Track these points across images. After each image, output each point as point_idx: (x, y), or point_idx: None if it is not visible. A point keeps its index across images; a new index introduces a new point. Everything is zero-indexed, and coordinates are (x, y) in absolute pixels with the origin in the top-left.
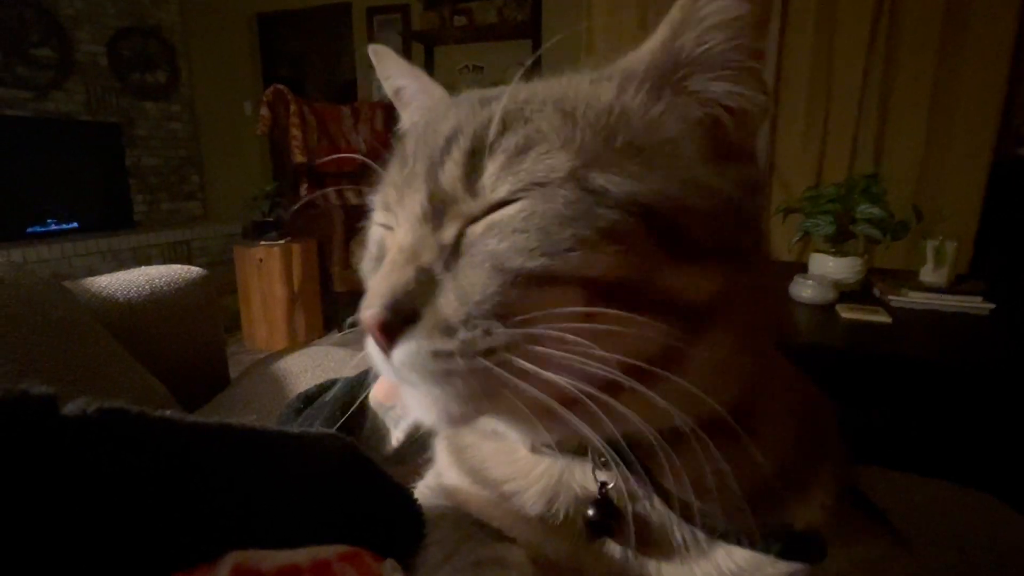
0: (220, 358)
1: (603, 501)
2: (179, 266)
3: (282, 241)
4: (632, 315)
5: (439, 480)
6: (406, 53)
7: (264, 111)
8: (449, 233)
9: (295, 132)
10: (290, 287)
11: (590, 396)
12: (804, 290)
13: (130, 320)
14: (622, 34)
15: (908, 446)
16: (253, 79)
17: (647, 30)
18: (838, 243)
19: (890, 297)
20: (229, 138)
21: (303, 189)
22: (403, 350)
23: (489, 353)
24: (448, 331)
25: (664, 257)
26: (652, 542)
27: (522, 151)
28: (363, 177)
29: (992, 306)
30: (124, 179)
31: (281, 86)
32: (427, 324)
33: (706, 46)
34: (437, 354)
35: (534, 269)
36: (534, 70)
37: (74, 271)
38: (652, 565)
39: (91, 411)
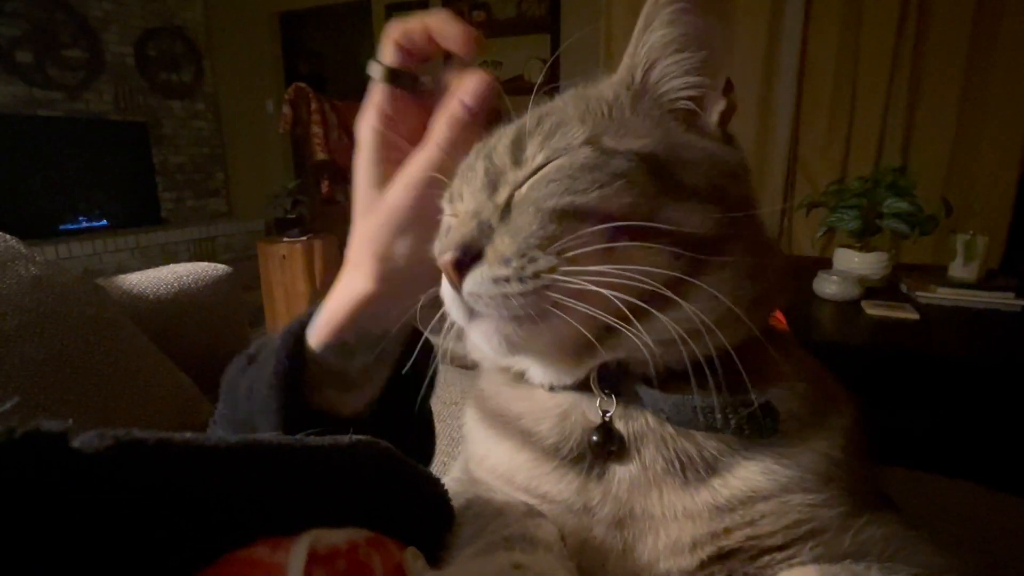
0: None
1: (605, 426)
2: (205, 264)
3: (304, 238)
4: (644, 242)
5: (468, 464)
6: None
7: (286, 109)
8: (502, 196)
9: (316, 130)
10: (312, 283)
11: (615, 311)
12: (828, 286)
13: (159, 316)
14: None
15: (936, 446)
16: (275, 77)
17: None
18: (864, 238)
19: (918, 293)
20: (252, 136)
21: (324, 186)
22: (470, 280)
23: (536, 276)
24: (504, 261)
25: (664, 195)
26: (652, 469)
27: (552, 132)
28: None
29: None
30: (151, 177)
31: (303, 84)
32: (488, 258)
33: (656, 71)
34: (496, 279)
35: (564, 205)
36: (554, 65)
37: (104, 267)
38: (655, 495)
39: (104, 446)
